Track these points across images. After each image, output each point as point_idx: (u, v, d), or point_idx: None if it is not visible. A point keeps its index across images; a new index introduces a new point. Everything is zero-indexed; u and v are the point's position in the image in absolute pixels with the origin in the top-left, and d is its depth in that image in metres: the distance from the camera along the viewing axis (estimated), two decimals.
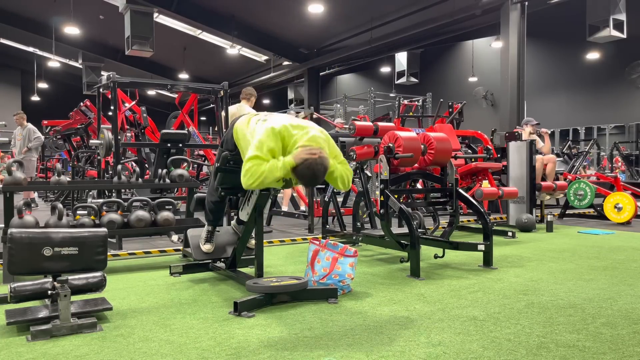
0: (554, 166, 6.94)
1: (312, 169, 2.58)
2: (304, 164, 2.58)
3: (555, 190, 6.68)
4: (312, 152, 2.59)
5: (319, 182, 2.69)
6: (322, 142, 2.77)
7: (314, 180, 2.65)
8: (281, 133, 2.67)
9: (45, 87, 23.27)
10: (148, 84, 7.27)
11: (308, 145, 2.64)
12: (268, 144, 2.62)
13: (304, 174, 2.61)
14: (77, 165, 8.38)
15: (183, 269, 3.67)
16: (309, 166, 2.58)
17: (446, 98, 8.63)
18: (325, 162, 2.62)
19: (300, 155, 2.59)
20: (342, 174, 2.85)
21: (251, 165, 2.58)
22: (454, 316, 2.65)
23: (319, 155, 2.59)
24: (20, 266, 2.44)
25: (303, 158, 2.59)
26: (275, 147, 2.62)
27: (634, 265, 3.95)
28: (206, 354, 2.15)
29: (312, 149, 2.62)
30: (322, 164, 2.61)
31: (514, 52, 9.08)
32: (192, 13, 12.74)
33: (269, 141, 2.63)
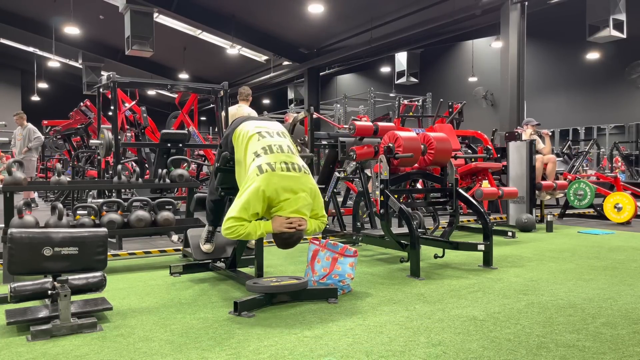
0: (554, 166, 6.94)
1: (286, 242, 2.80)
2: (280, 236, 2.78)
3: (556, 189, 6.69)
4: (290, 227, 2.74)
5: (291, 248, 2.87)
6: (306, 209, 2.82)
7: (286, 248, 2.85)
8: (270, 197, 2.74)
9: (45, 87, 23.27)
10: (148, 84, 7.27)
11: (290, 218, 2.74)
12: (254, 207, 2.71)
13: (278, 243, 2.84)
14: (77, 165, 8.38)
15: (183, 269, 3.67)
16: (284, 240, 2.79)
17: (446, 98, 8.64)
18: (299, 236, 2.79)
19: (279, 227, 2.74)
20: (315, 228, 2.96)
21: (234, 224, 2.71)
22: (454, 316, 2.65)
23: (295, 230, 2.75)
24: (20, 266, 2.44)
25: (281, 231, 2.75)
26: (259, 209, 2.74)
27: (634, 265, 3.95)
28: (206, 354, 2.15)
29: (292, 222, 2.74)
30: (297, 238, 2.79)
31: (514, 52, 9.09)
32: (192, 13, 12.74)
33: (256, 204, 2.71)
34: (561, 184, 6.75)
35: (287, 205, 2.75)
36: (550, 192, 6.76)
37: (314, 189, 2.88)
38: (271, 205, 2.77)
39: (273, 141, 2.95)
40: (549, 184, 6.61)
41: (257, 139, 2.96)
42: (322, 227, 3.01)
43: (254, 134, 2.98)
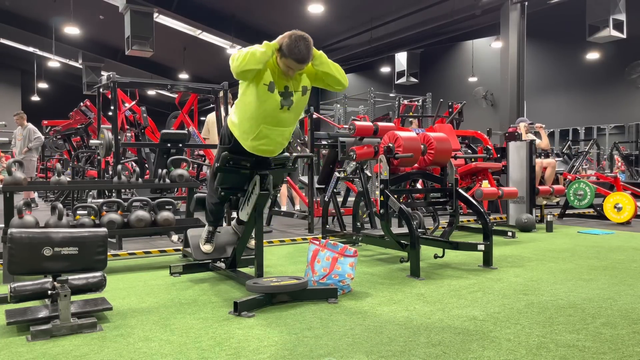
0: (553, 171, 6.94)
1: (295, 37, 2.70)
2: (287, 36, 2.71)
3: (553, 194, 6.70)
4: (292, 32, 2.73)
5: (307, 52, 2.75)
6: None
7: (302, 51, 2.73)
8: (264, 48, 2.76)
9: (45, 87, 23.28)
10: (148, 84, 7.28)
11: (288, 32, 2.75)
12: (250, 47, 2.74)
13: (289, 45, 2.72)
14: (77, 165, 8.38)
15: (183, 269, 3.67)
16: (292, 36, 2.70)
17: (446, 98, 8.64)
18: (307, 35, 2.73)
19: (282, 37, 2.74)
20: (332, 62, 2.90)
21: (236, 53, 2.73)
22: (454, 316, 2.65)
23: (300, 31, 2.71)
24: (20, 266, 2.44)
25: (286, 35, 2.72)
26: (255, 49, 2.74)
27: (634, 265, 3.95)
28: (206, 354, 2.15)
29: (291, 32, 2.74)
30: (304, 35, 2.71)
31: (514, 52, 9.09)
32: (192, 13, 12.75)
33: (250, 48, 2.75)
34: (558, 189, 6.75)
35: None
36: (547, 197, 6.76)
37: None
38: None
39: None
40: (546, 188, 6.61)
41: None
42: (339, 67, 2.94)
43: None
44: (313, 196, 5.98)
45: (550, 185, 6.81)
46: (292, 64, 2.78)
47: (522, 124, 7.12)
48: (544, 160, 6.97)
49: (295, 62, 2.77)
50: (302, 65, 2.80)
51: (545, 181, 6.87)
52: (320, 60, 2.87)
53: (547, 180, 6.87)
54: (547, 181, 6.87)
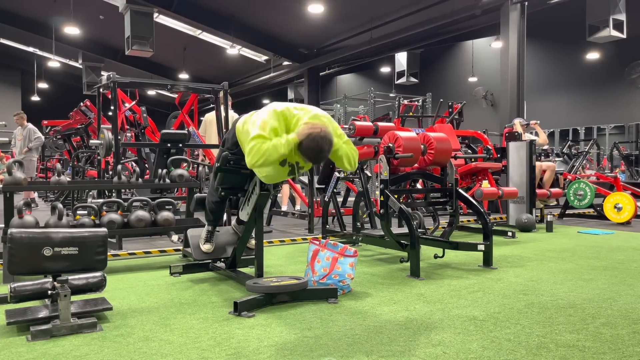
0: (552, 174, 6.94)
1: (316, 142, 2.57)
2: (309, 138, 2.57)
3: (550, 197, 6.71)
4: (316, 127, 2.60)
5: (324, 156, 2.66)
6: (325, 120, 2.78)
7: (319, 154, 2.63)
8: (283, 114, 2.69)
9: (45, 87, 23.26)
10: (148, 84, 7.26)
11: (311, 122, 2.65)
12: (271, 124, 2.63)
13: (309, 148, 2.60)
14: (77, 165, 8.38)
15: (183, 269, 3.67)
16: (314, 139, 2.57)
17: (446, 98, 8.64)
18: (329, 137, 2.62)
19: (304, 131, 2.59)
20: (347, 153, 2.83)
21: (255, 144, 2.58)
22: (454, 316, 2.65)
23: (322, 130, 2.59)
24: (20, 266, 2.44)
25: (307, 133, 2.58)
26: (277, 126, 2.63)
27: (634, 265, 3.95)
28: (206, 354, 2.15)
29: (315, 124, 2.62)
30: (326, 137, 2.60)
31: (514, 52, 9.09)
32: (192, 13, 12.74)
33: (272, 120, 2.64)
34: (555, 192, 6.76)
35: (304, 116, 2.71)
36: (544, 200, 6.77)
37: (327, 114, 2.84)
38: (288, 126, 2.70)
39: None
40: (544, 192, 6.61)
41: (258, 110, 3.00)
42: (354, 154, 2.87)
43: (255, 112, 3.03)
44: (313, 196, 5.98)
45: (548, 188, 6.82)
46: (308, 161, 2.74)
47: (516, 121, 7.16)
48: (544, 164, 6.97)
49: (313, 163, 2.75)
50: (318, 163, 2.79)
51: (544, 184, 6.87)
52: (337, 154, 2.82)
53: (545, 183, 6.88)
54: (545, 184, 6.87)
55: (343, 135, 2.87)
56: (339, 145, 2.77)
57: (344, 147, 2.82)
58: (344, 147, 2.82)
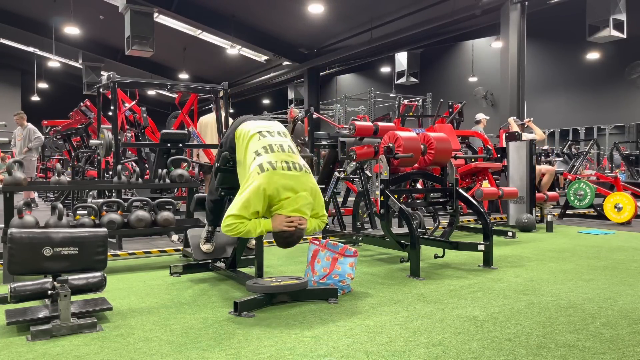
0: (550, 178, 6.94)
1: (286, 240, 2.81)
2: (280, 235, 2.79)
3: (547, 201, 6.71)
4: (291, 225, 2.76)
5: (291, 247, 2.88)
6: (307, 208, 2.83)
7: (286, 247, 2.88)
8: (271, 196, 2.75)
9: (45, 87, 23.27)
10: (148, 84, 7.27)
11: (291, 217, 2.76)
12: (255, 205, 2.73)
13: (279, 242, 2.86)
14: (77, 165, 8.37)
15: (183, 269, 3.67)
16: (284, 239, 2.81)
17: (446, 98, 8.64)
18: (300, 234, 2.80)
19: (279, 226, 2.76)
20: (315, 227, 2.98)
21: (234, 222, 2.74)
22: (454, 316, 2.65)
23: (296, 228, 2.76)
24: (20, 266, 2.44)
25: (281, 230, 2.77)
26: (260, 208, 2.75)
27: (634, 265, 3.95)
28: (206, 354, 2.15)
29: (292, 221, 2.76)
30: (297, 236, 2.80)
31: (514, 52, 9.09)
32: (192, 13, 12.75)
33: (256, 202, 2.73)
34: (552, 196, 6.76)
35: (287, 204, 2.76)
36: (540, 204, 6.76)
37: (314, 189, 2.89)
38: (272, 204, 2.79)
39: (274, 140, 2.95)
40: (541, 195, 6.61)
41: (257, 138, 2.97)
42: (322, 226, 3.02)
43: (255, 134, 2.99)
44: None
45: (545, 191, 6.83)
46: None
47: (511, 120, 7.19)
48: (543, 167, 6.97)
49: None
50: None
51: (541, 187, 6.88)
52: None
53: (543, 187, 6.88)
54: (542, 188, 6.88)
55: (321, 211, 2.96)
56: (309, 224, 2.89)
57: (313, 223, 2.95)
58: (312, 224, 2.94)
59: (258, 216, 2.79)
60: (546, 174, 6.92)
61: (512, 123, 7.11)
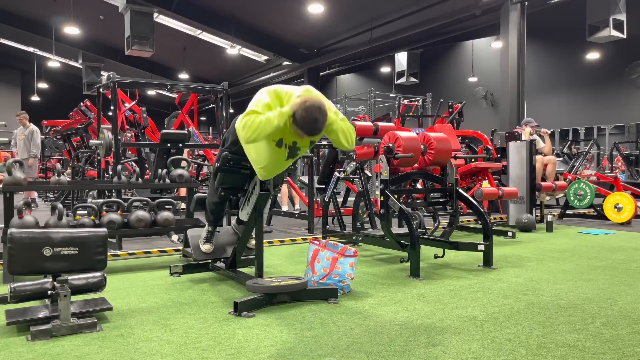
0: (554, 167, 6.94)
1: (310, 111, 2.57)
2: (302, 108, 2.57)
3: (555, 190, 6.69)
4: (308, 99, 2.61)
5: (319, 126, 2.63)
6: (318, 94, 2.76)
7: (314, 123, 2.61)
8: (276, 91, 2.70)
9: (45, 87, 23.26)
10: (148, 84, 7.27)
11: (303, 95, 2.66)
12: (264, 100, 2.65)
13: (303, 118, 2.58)
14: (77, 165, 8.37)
15: (183, 269, 3.67)
16: (307, 109, 2.57)
17: (446, 98, 8.63)
18: (323, 107, 2.61)
19: (297, 102, 2.60)
20: (343, 128, 2.79)
21: (247, 119, 2.58)
22: (454, 316, 2.65)
23: (315, 100, 2.60)
24: (20, 266, 2.44)
25: (300, 103, 2.58)
26: (271, 102, 2.63)
27: (634, 265, 3.95)
28: (206, 354, 2.15)
29: (307, 97, 2.63)
30: (320, 107, 2.59)
31: (514, 52, 9.09)
32: (192, 13, 12.74)
33: (264, 97, 2.66)
34: (561, 185, 6.75)
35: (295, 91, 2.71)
36: (550, 193, 6.76)
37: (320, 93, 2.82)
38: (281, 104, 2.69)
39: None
40: (549, 184, 6.61)
41: None
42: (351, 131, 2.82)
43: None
44: (313, 196, 5.98)
45: (552, 181, 6.80)
46: (304, 134, 2.70)
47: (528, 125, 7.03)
48: (545, 158, 6.96)
49: (308, 135, 2.70)
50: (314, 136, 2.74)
51: (547, 177, 6.87)
52: (332, 128, 2.77)
53: (549, 176, 6.87)
54: (549, 177, 6.87)
55: (338, 113, 2.84)
56: (333, 120, 2.74)
57: (339, 122, 2.78)
58: (339, 122, 2.78)
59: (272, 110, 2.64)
60: (549, 164, 6.90)
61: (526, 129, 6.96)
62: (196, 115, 7.65)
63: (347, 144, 2.85)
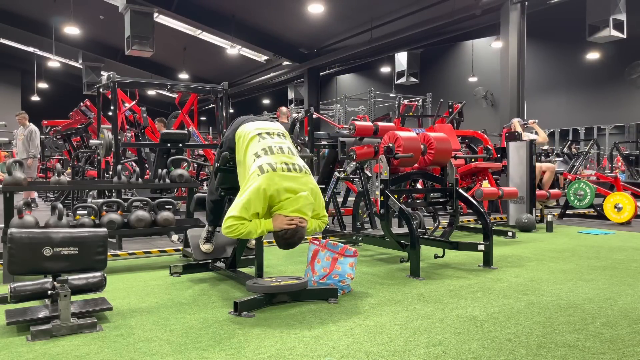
0: (551, 175, 6.94)
1: (287, 241, 2.79)
2: (281, 235, 2.77)
3: (549, 199, 6.71)
4: (291, 224, 2.75)
5: (292, 248, 2.85)
6: (308, 209, 2.82)
7: (289, 247, 2.84)
8: (272, 196, 2.75)
9: (45, 87, 23.27)
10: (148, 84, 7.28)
11: (290, 217, 2.75)
12: (255, 206, 2.72)
13: (279, 242, 2.83)
14: (77, 165, 8.38)
15: (183, 269, 3.67)
16: (285, 239, 2.78)
17: (446, 98, 8.63)
18: (301, 233, 2.78)
19: (280, 225, 2.75)
20: (315, 228, 2.97)
21: (234, 223, 2.72)
22: (454, 316, 2.65)
23: (297, 227, 2.75)
24: (20, 266, 2.44)
25: (282, 228, 2.75)
26: (260, 209, 2.74)
27: (634, 265, 3.95)
28: (206, 354, 2.15)
29: (292, 220, 2.75)
30: (298, 237, 2.78)
31: (514, 52, 9.09)
32: (192, 13, 12.75)
33: (257, 203, 2.72)
34: (555, 194, 6.77)
35: (288, 204, 2.76)
36: (543, 202, 6.76)
37: (315, 189, 2.89)
38: (272, 205, 2.78)
39: (273, 142, 2.96)
40: (543, 193, 6.61)
41: (257, 140, 2.97)
42: (322, 226, 3.02)
43: (255, 136, 2.99)
44: None
45: (547, 189, 6.82)
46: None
47: (515, 120, 7.17)
48: (543, 165, 6.97)
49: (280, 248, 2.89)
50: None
51: (543, 185, 6.87)
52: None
53: (544, 184, 6.88)
54: (544, 185, 6.88)
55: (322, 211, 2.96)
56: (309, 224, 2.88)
57: (313, 223, 2.94)
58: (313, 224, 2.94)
59: (258, 217, 2.78)
60: (547, 171, 6.92)
61: (516, 124, 7.10)
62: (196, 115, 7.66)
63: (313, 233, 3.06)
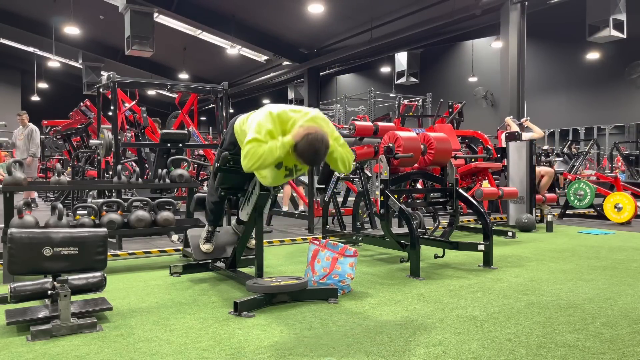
0: (549, 180, 6.94)
1: (312, 144, 2.57)
2: (304, 140, 2.57)
3: (544, 203, 6.72)
4: (311, 130, 2.60)
5: (320, 158, 2.66)
6: (321, 122, 2.78)
7: (315, 156, 2.62)
8: (280, 116, 2.69)
9: (45, 87, 23.27)
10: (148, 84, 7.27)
11: (307, 125, 2.66)
12: (267, 127, 2.63)
13: (305, 150, 2.59)
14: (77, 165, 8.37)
15: (183, 269, 3.67)
16: (310, 142, 2.57)
17: (446, 98, 8.64)
18: (325, 138, 2.62)
19: (300, 133, 2.59)
20: (343, 155, 2.84)
21: (250, 147, 2.59)
22: (454, 316, 2.65)
23: (318, 132, 2.60)
24: (20, 266, 2.44)
25: (303, 135, 2.58)
26: (273, 129, 2.63)
27: (634, 265, 3.95)
28: (206, 354, 2.15)
29: (311, 127, 2.63)
30: (322, 139, 2.60)
31: (514, 52, 9.09)
32: (192, 13, 12.75)
33: (267, 124, 2.65)
34: (550, 198, 6.77)
35: (299, 118, 2.70)
36: (539, 205, 6.76)
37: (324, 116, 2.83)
38: (284, 129, 2.68)
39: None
40: (539, 197, 6.61)
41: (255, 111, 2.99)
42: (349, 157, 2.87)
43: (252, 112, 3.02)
44: (313, 196, 5.98)
45: (543, 193, 6.83)
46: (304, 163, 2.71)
47: (508, 119, 7.20)
48: (542, 169, 6.97)
49: (308, 165, 2.72)
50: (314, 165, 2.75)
51: (540, 189, 6.88)
52: (332, 156, 2.81)
53: (541, 188, 6.89)
54: (541, 189, 6.88)
55: (339, 138, 2.87)
56: (334, 148, 2.78)
57: (339, 149, 2.83)
58: (339, 150, 2.83)
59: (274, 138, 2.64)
60: (545, 176, 6.92)
61: (510, 122, 7.12)
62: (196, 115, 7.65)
63: (344, 170, 2.91)
